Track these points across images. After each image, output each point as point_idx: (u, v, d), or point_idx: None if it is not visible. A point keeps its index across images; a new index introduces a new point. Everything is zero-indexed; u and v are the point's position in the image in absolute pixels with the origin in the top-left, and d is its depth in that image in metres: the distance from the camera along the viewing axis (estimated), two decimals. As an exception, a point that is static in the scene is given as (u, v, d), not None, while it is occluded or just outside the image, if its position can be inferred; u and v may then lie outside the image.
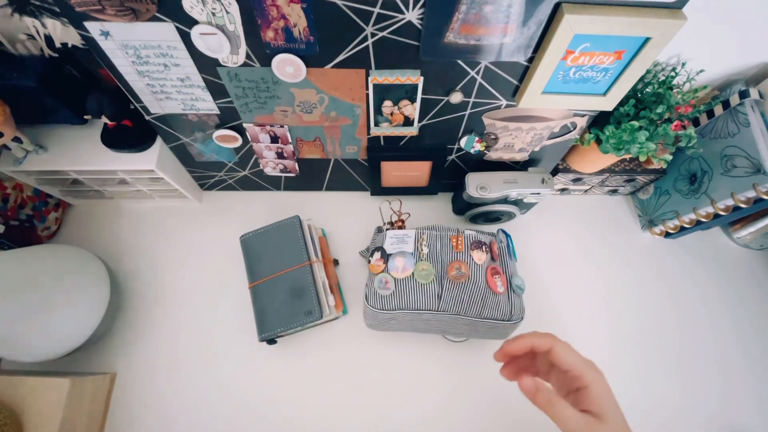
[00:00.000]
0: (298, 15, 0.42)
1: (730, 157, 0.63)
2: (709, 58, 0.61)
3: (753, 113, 0.61)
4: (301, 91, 0.52)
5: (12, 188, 0.66)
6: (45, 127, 0.62)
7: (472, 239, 0.59)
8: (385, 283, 0.56)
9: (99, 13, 0.42)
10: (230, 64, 0.48)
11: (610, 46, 0.45)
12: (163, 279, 0.70)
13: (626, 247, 0.75)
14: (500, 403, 0.62)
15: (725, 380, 0.66)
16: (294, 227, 0.65)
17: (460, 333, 0.61)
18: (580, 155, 0.68)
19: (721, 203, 0.63)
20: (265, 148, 0.64)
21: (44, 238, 0.70)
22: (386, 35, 0.44)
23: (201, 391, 0.62)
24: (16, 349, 0.54)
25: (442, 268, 0.57)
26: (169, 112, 0.56)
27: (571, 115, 0.57)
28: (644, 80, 0.59)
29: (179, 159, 0.67)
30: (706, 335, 0.69)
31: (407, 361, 0.64)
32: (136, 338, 0.65)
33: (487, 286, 0.56)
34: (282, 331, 0.60)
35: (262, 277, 0.63)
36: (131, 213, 0.75)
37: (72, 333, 0.56)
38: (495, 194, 0.63)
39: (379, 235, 0.63)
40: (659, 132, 0.57)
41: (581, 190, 0.78)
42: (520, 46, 0.46)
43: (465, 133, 0.61)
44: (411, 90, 0.52)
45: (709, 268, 0.74)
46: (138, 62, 0.48)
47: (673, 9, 0.41)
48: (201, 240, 0.73)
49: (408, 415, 0.61)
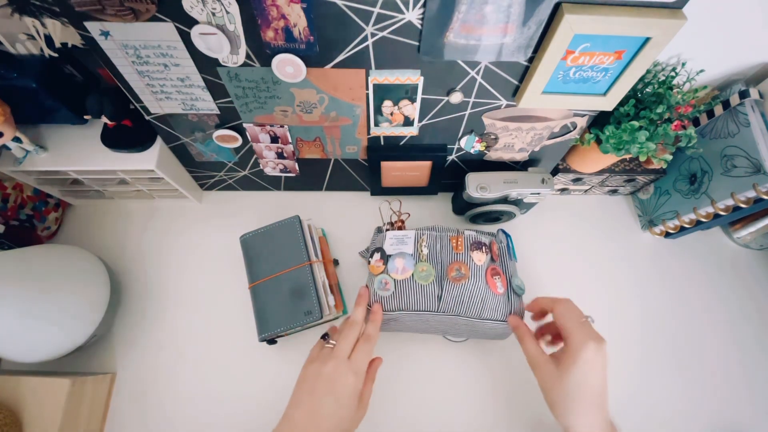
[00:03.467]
0: (298, 15, 0.42)
1: (730, 157, 0.63)
2: (709, 58, 0.61)
3: (753, 113, 0.61)
4: (301, 91, 0.52)
5: (12, 188, 0.66)
6: (45, 127, 0.62)
7: (472, 240, 0.58)
8: (385, 284, 0.56)
9: (99, 13, 0.42)
10: (230, 64, 0.48)
11: (610, 46, 0.45)
12: (163, 279, 0.70)
13: (626, 247, 0.75)
14: (500, 402, 0.62)
15: (725, 380, 0.66)
16: (294, 227, 0.65)
17: (459, 333, 0.61)
18: (580, 155, 0.68)
19: (721, 203, 0.63)
20: (265, 148, 0.64)
21: (44, 238, 0.70)
22: (386, 35, 0.44)
23: (201, 391, 0.62)
24: (16, 349, 0.54)
25: (442, 269, 0.57)
26: (169, 112, 0.56)
27: (571, 115, 0.57)
28: (644, 80, 0.59)
29: (179, 159, 0.67)
30: (706, 335, 0.69)
31: (407, 361, 0.64)
32: (136, 338, 0.65)
33: (487, 287, 0.56)
34: (282, 331, 0.60)
35: (262, 277, 0.63)
36: (131, 213, 0.75)
37: (72, 333, 0.56)
38: (495, 194, 0.63)
39: (378, 236, 0.63)
40: (659, 132, 0.57)
41: (581, 190, 0.78)
42: (520, 46, 0.46)
43: (465, 133, 0.61)
44: (411, 90, 0.52)
45: (709, 268, 0.74)
46: (138, 62, 0.48)
47: (673, 9, 0.41)
48: (201, 240, 0.73)
49: (408, 415, 0.61)
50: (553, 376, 0.48)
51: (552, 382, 0.48)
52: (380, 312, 0.55)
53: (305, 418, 0.44)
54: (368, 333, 0.51)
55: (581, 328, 0.48)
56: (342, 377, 0.45)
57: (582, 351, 0.46)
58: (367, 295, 0.56)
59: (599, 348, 0.46)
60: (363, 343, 0.49)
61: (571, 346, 0.47)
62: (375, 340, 0.51)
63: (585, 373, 0.46)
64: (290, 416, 0.45)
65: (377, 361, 0.53)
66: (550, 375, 0.48)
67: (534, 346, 0.51)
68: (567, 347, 0.48)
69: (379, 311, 0.55)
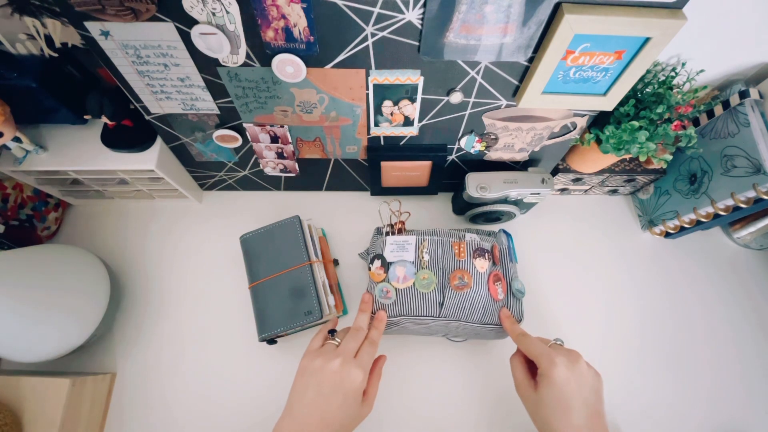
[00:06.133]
0: (298, 15, 0.42)
1: (730, 157, 0.63)
2: (709, 58, 0.61)
3: (753, 113, 0.61)
4: (301, 91, 0.52)
5: (12, 188, 0.66)
6: (45, 127, 0.62)
7: (474, 246, 0.58)
8: (386, 293, 0.56)
9: (99, 13, 0.42)
10: (230, 64, 0.48)
11: (610, 46, 0.45)
12: (163, 279, 0.70)
13: (626, 247, 0.75)
14: (500, 402, 0.62)
15: (724, 380, 0.66)
16: (294, 227, 0.65)
17: (460, 335, 0.61)
18: (580, 155, 0.68)
19: (721, 203, 0.63)
20: (265, 148, 0.64)
21: (44, 238, 0.70)
22: (386, 35, 0.44)
23: (201, 391, 0.62)
24: (16, 349, 0.54)
25: (443, 275, 0.56)
26: (169, 111, 0.56)
27: (571, 115, 0.57)
28: (644, 80, 0.59)
29: (179, 159, 0.67)
30: (705, 335, 0.69)
31: (407, 361, 0.64)
32: (136, 338, 0.65)
33: (489, 295, 0.56)
34: (282, 331, 0.60)
35: (262, 277, 0.63)
36: (131, 213, 0.75)
37: (72, 333, 0.56)
38: (495, 194, 0.63)
39: (378, 238, 0.62)
40: (659, 132, 0.57)
41: (581, 190, 0.78)
42: (521, 46, 0.46)
43: (465, 133, 0.61)
44: (411, 90, 0.52)
45: (709, 268, 0.74)
46: (138, 62, 0.48)
47: (673, 9, 0.41)
48: (201, 240, 0.73)
49: (408, 414, 0.61)
50: (533, 402, 0.47)
51: (532, 408, 0.47)
52: (385, 318, 0.55)
53: (310, 415, 0.44)
54: (372, 337, 0.51)
55: (548, 351, 0.47)
56: (349, 374, 0.45)
57: (551, 372, 0.45)
58: (371, 302, 0.56)
59: (571, 364, 0.45)
60: (367, 346, 0.49)
61: (541, 369, 0.46)
62: (378, 345, 0.51)
63: (561, 393, 0.44)
64: (294, 410, 0.45)
65: (382, 358, 0.53)
66: (529, 401, 0.48)
67: (519, 372, 0.50)
68: (539, 372, 0.47)
69: (383, 318, 0.55)
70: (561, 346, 0.49)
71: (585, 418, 0.44)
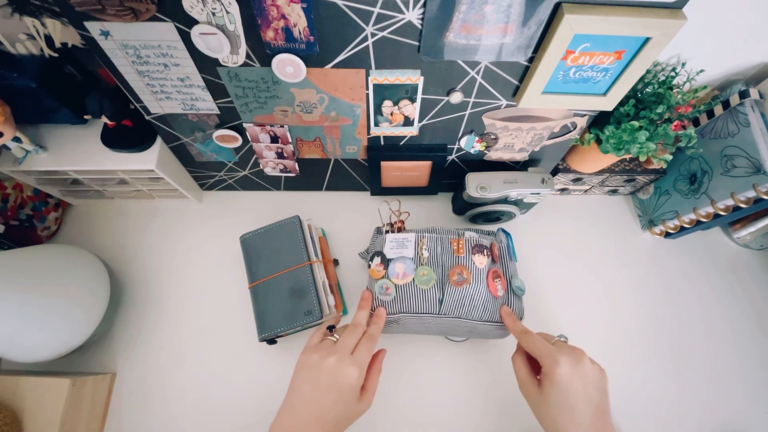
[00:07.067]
0: (298, 15, 0.42)
1: (730, 157, 0.63)
2: (709, 58, 0.61)
3: (753, 113, 0.61)
4: (301, 91, 0.52)
5: (12, 188, 0.66)
6: (45, 127, 0.62)
7: (473, 243, 0.58)
8: (386, 290, 0.56)
9: (99, 13, 0.42)
10: (230, 64, 0.48)
11: (610, 46, 0.45)
12: (163, 279, 0.70)
13: (626, 247, 0.75)
14: (500, 402, 0.62)
15: (724, 380, 0.66)
16: (294, 227, 0.65)
17: (460, 333, 0.61)
18: (580, 155, 0.68)
19: (721, 203, 0.63)
20: (265, 148, 0.64)
21: (44, 238, 0.70)
22: (386, 35, 0.44)
23: (201, 391, 0.62)
24: (16, 349, 0.54)
25: (443, 272, 0.56)
26: (169, 111, 0.56)
27: (571, 115, 0.57)
28: (644, 80, 0.59)
29: (179, 159, 0.67)
30: (705, 335, 0.69)
31: (407, 361, 0.64)
32: (136, 338, 0.65)
33: (488, 291, 0.56)
34: (282, 331, 0.60)
35: (262, 277, 0.63)
36: (131, 213, 0.75)
37: (72, 333, 0.56)
38: (495, 194, 0.63)
39: (378, 237, 0.62)
40: (659, 132, 0.57)
41: (581, 190, 0.78)
42: (520, 46, 0.46)
43: (465, 133, 0.61)
44: (411, 90, 0.52)
45: (709, 268, 0.74)
46: (138, 62, 0.48)
47: (673, 9, 0.41)
48: (201, 240, 0.73)
49: (408, 414, 0.61)
50: (537, 401, 0.47)
51: (537, 407, 0.47)
52: (384, 315, 0.55)
53: (306, 409, 0.44)
54: (371, 333, 0.51)
55: (551, 350, 0.46)
56: (345, 371, 0.45)
57: (555, 372, 0.44)
58: (370, 299, 0.56)
59: (575, 362, 0.45)
60: (365, 341, 0.49)
61: (545, 369, 0.46)
62: (377, 341, 0.51)
63: (565, 392, 0.44)
64: (291, 405, 0.45)
65: (382, 352, 0.53)
66: (533, 400, 0.47)
67: (522, 371, 0.50)
68: (543, 371, 0.47)
69: (383, 314, 0.55)
70: (564, 344, 0.49)
71: (590, 417, 0.44)
